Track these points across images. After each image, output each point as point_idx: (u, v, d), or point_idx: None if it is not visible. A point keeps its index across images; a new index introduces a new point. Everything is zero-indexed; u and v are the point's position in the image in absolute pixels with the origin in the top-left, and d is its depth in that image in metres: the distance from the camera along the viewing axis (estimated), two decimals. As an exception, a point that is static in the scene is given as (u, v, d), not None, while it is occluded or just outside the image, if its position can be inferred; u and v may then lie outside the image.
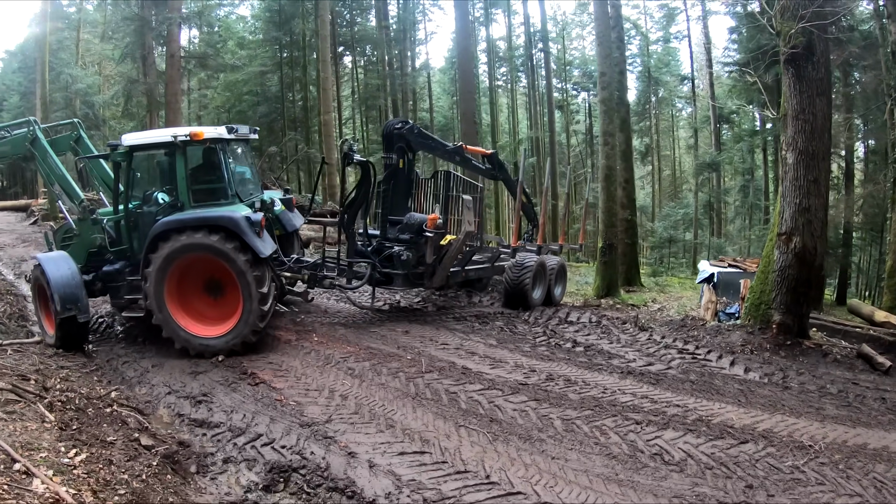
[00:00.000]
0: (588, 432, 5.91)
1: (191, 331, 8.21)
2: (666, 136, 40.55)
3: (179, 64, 25.38)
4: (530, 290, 10.60)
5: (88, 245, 9.19)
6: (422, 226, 9.85)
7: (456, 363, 7.89)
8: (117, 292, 8.87)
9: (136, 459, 4.95)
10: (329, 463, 5.18)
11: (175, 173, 8.49)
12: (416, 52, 39.14)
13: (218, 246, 7.93)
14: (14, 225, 24.63)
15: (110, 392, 6.68)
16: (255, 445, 5.56)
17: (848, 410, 6.73)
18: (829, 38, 8.37)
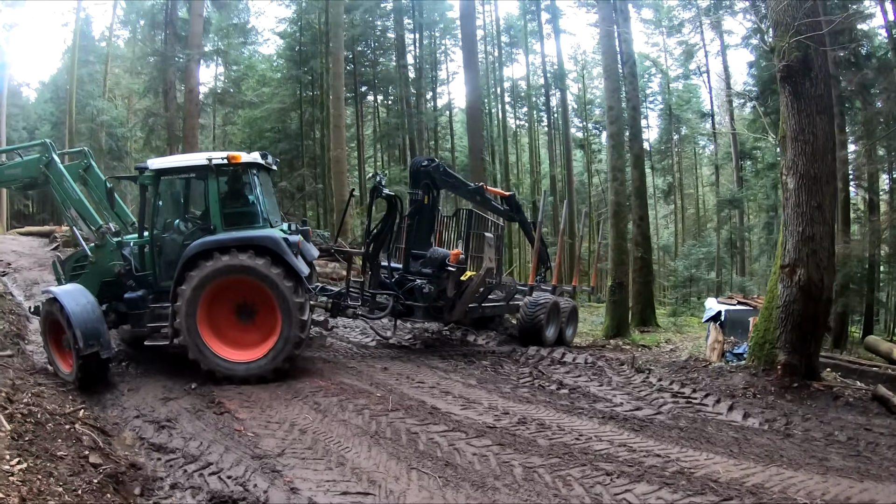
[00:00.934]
0: (549, 482, 5.28)
1: (220, 354, 8.13)
2: (689, 174, 40.08)
3: (198, 99, 26.08)
4: (544, 328, 10.72)
5: (104, 273, 8.77)
6: (444, 261, 10.00)
7: (426, 402, 7.42)
8: (139, 320, 8.50)
9: (78, 475, 4.88)
10: (268, 498, 4.97)
11: (207, 196, 8.51)
12: (439, 91, 39.75)
13: (262, 269, 8.00)
14: (35, 249, 25.03)
15: (77, 410, 6.57)
16: (203, 473, 5.42)
17: (856, 461, 5.97)
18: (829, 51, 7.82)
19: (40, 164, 9.16)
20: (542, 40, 35.54)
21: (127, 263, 8.64)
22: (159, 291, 8.51)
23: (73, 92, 29.11)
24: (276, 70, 35.07)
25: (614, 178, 17.59)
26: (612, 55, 18.51)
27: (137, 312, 8.51)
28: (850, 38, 14.72)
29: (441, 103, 39.34)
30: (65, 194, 9.09)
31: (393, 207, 10.13)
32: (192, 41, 25.58)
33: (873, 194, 19.15)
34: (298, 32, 31.74)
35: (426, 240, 10.80)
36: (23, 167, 9.28)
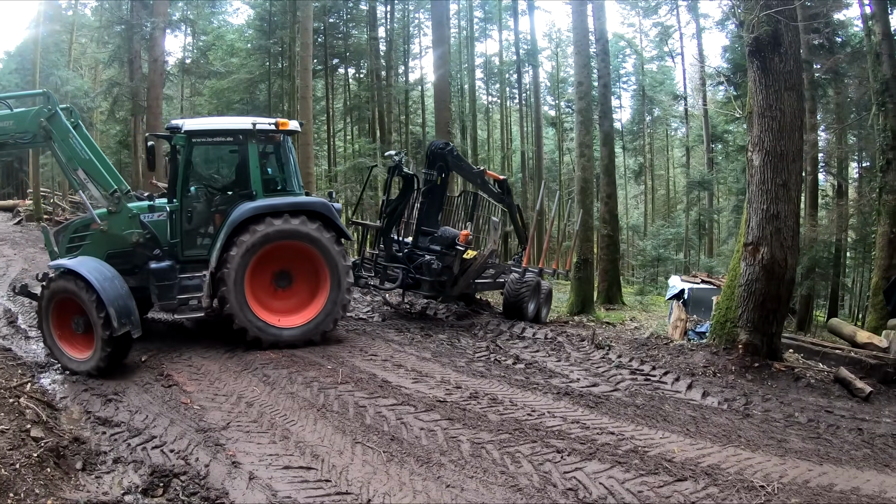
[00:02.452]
0: (497, 459, 5.06)
1: (265, 320, 8.13)
2: (660, 155, 40.21)
3: (163, 69, 25.17)
4: (527, 304, 11.13)
5: (114, 243, 7.99)
6: (455, 240, 10.49)
7: (377, 375, 7.18)
8: (168, 292, 7.91)
9: (18, 449, 4.75)
10: (209, 471, 4.86)
11: (248, 162, 8.35)
12: (411, 66, 39.06)
13: (315, 234, 8.16)
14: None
15: (24, 384, 6.43)
16: (146, 447, 5.30)
17: (816, 443, 5.87)
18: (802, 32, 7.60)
19: (40, 116, 7.79)
20: (517, 16, 35.15)
21: (147, 231, 8.00)
22: (183, 262, 8.18)
23: (37, 61, 28.03)
24: (245, 40, 34.17)
25: (581, 155, 17.38)
26: (584, 31, 18.26)
27: (166, 284, 7.90)
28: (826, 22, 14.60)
29: (414, 77, 38.70)
30: (71, 152, 7.89)
31: (409, 186, 10.72)
32: (157, 9, 24.63)
33: (842, 179, 19.27)
34: (268, 2, 30.85)
35: (435, 218, 11.20)
36: (16, 119, 7.82)
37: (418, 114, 37.90)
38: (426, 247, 10.70)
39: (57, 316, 7.36)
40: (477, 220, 12.14)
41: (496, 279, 11.99)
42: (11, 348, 7.90)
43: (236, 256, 7.87)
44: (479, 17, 37.83)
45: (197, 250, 8.34)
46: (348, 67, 36.37)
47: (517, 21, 35.30)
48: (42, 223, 16.02)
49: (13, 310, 10.08)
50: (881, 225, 12.85)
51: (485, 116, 41.95)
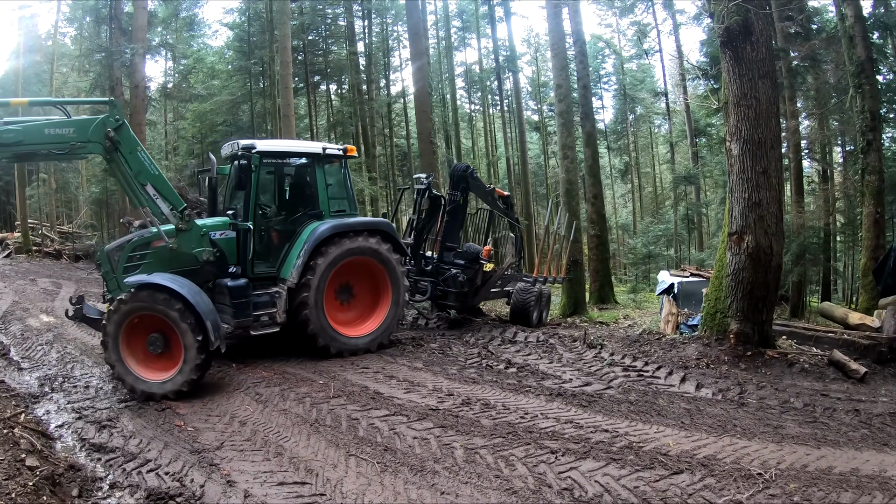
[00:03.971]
0: (491, 463, 5.02)
1: (337, 330, 8.71)
2: (645, 153, 40.36)
3: (144, 94, 25.19)
4: (532, 311, 11.61)
5: (179, 261, 7.85)
6: (478, 255, 11.36)
7: (369, 387, 7.17)
8: (244, 310, 8.00)
9: (13, 479, 4.71)
10: (205, 491, 4.85)
11: (315, 183, 8.91)
12: (392, 78, 39.18)
13: (385, 253, 8.98)
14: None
15: (17, 415, 6.35)
16: (141, 471, 5.28)
17: (813, 427, 5.87)
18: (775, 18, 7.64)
19: (107, 126, 7.33)
20: (494, 24, 35.20)
21: (216, 249, 8.02)
22: (254, 278, 8.38)
23: (18, 92, 28.08)
24: (225, 62, 34.20)
25: (565, 157, 17.41)
26: (560, 33, 18.32)
27: (242, 301, 8.00)
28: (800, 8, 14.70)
29: (395, 90, 38.75)
30: (140, 167, 7.53)
31: (437, 206, 11.61)
32: (136, 35, 24.62)
33: (826, 164, 19.35)
34: (246, 23, 30.87)
35: (457, 234, 11.93)
36: (78, 127, 7.24)
37: (402, 126, 37.90)
38: (451, 261, 11.44)
39: (131, 336, 7.13)
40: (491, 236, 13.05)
41: (503, 288, 12.38)
42: (4, 380, 7.81)
43: (318, 271, 8.41)
44: (458, 27, 37.95)
45: (265, 267, 8.57)
46: (330, 84, 36.41)
47: (495, 29, 35.45)
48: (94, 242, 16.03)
49: (5, 342, 10.04)
50: (865, 206, 12.90)
51: (468, 125, 42.07)
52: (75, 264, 23.83)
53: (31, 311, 12.93)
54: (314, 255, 8.42)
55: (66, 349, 9.53)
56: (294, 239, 8.67)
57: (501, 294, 12.42)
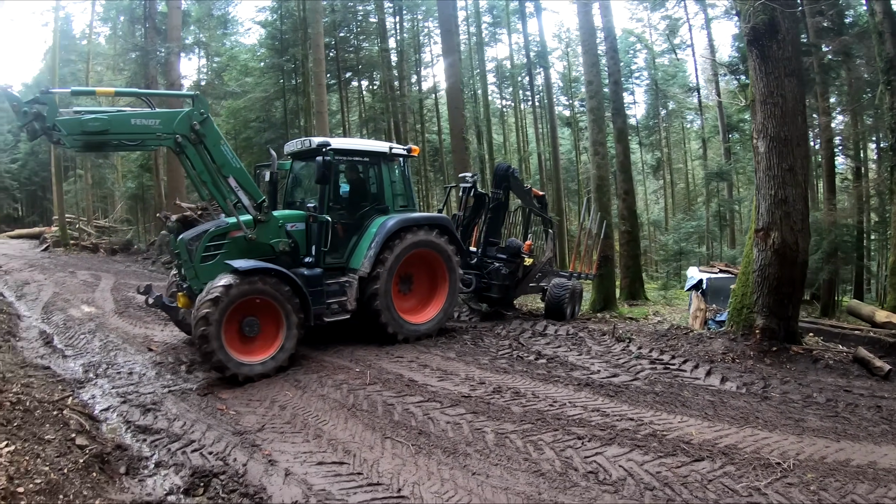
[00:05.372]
0: (520, 447, 5.30)
1: (403, 317, 9.28)
2: (677, 148, 39.91)
3: (180, 93, 25.58)
4: (566, 306, 11.81)
5: (257, 251, 8.17)
6: (520, 249, 11.92)
7: (403, 375, 7.47)
8: (319, 298, 8.44)
9: (64, 456, 4.96)
10: (247, 470, 5.11)
11: (381, 180, 9.54)
12: (423, 74, 39.28)
13: (444, 246, 9.66)
14: (25, 251, 25.89)
15: (65, 398, 6.62)
16: (185, 451, 5.55)
17: (834, 422, 5.97)
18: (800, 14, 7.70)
19: (193, 119, 7.52)
20: (525, 19, 35.09)
21: (291, 241, 8.52)
22: (326, 268, 8.76)
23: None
24: (258, 59, 34.72)
25: (595, 153, 17.48)
26: (590, 30, 18.34)
27: (318, 290, 8.44)
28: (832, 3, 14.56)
29: (427, 86, 38.91)
30: (223, 160, 7.80)
31: (481, 203, 12.13)
32: (171, 34, 25.30)
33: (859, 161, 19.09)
34: (279, 21, 31.25)
35: (499, 230, 12.39)
36: (163, 119, 7.43)
37: (433, 122, 38.08)
38: (494, 255, 11.98)
39: (233, 321, 7.41)
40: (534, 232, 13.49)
41: (538, 283, 12.72)
42: (50, 366, 8.16)
43: (388, 263, 8.93)
44: (488, 22, 37.93)
45: (335, 258, 8.97)
46: (361, 80, 36.73)
47: (525, 24, 35.36)
48: (169, 233, 16.48)
49: (48, 330, 10.50)
50: (895, 204, 12.80)
51: (500, 120, 42.05)
52: (112, 257, 24.47)
53: (71, 301, 13.40)
54: (383, 247, 8.91)
55: (108, 338, 9.94)
56: (362, 232, 9.16)
57: (537, 289, 12.76)
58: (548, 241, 12.98)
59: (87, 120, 6.82)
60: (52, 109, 6.66)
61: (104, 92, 7.76)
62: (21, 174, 50.80)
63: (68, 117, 6.77)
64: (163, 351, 9.03)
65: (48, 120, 6.65)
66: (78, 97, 7.82)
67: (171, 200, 25.08)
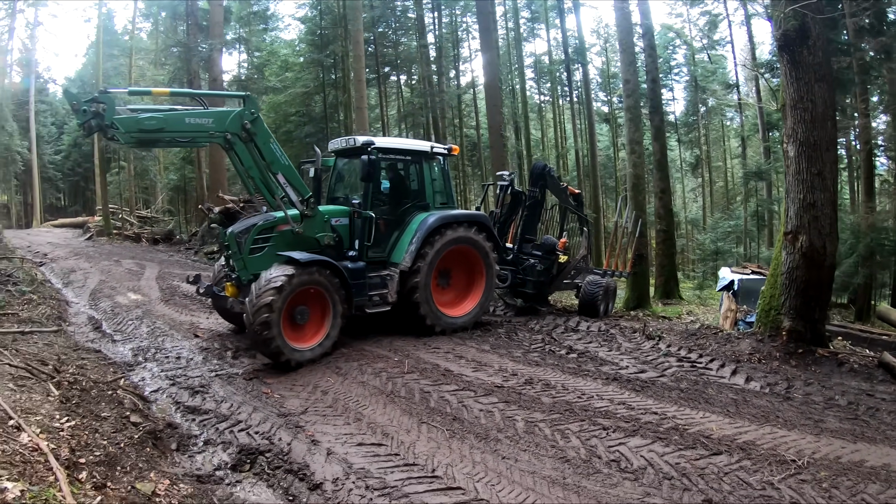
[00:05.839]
0: (548, 435, 5.66)
1: (441, 310, 9.63)
2: (716, 146, 39.42)
3: (222, 88, 26.38)
4: (599, 303, 12.06)
5: (302, 245, 8.54)
6: (555, 247, 12.22)
7: (440, 365, 7.86)
8: (362, 290, 8.86)
9: (120, 432, 5.36)
10: (292, 449, 5.46)
11: (423, 178, 9.91)
12: (462, 69, 39.55)
13: (482, 242, 9.99)
14: (70, 240, 26.43)
15: (118, 379, 7.06)
16: (233, 430, 5.93)
17: (853, 424, 6.13)
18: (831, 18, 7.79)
19: (244, 119, 7.87)
20: (563, 15, 35.11)
21: (336, 235, 8.98)
22: (369, 262, 9.17)
23: (99, 85, 29.84)
24: (298, 55, 35.28)
25: (632, 151, 17.62)
26: (628, 29, 18.44)
27: (361, 282, 8.83)
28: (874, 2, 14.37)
29: (465, 81, 39.18)
30: (272, 157, 8.21)
31: (518, 201, 12.45)
32: (213, 31, 25.96)
33: (899, 164, 18.79)
34: (318, 17, 31.72)
35: (535, 227, 12.68)
36: (216, 118, 7.77)
37: (471, 116, 38.32)
38: (529, 252, 12.27)
39: (287, 311, 7.77)
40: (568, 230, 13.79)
41: (573, 280, 12.98)
42: (101, 350, 8.64)
43: (428, 258, 9.30)
44: (526, 17, 37.97)
45: (377, 252, 9.35)
46: (400, 75, 37.15)
47: (564, 20, 35.37)
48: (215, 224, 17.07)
49: (97, 316, 10.99)
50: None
51: (538, 116, 42.10)
52: (154, 247, 25.04)
53: (118, 289, 13.89)
54: (424, 243, 9.28)
55: (155, 324, 10.40)
56: (403, 227, 9.57)
57: (572, 286, 13.02)
58: (582, 239, 13.24)
59: (145, 119, 7.21)
60: (110, 108, 6.98)
61: (160, 92, 8.17)
62: (64, 165, 52.64)
63: (126, 116, 7.13)
64: (208, 337, 9.51)
65: (107, 118, 6.96)
66: (130, 95, 8.20)
67: (214, 193, 25.73)
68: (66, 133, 52.39)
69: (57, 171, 52.32)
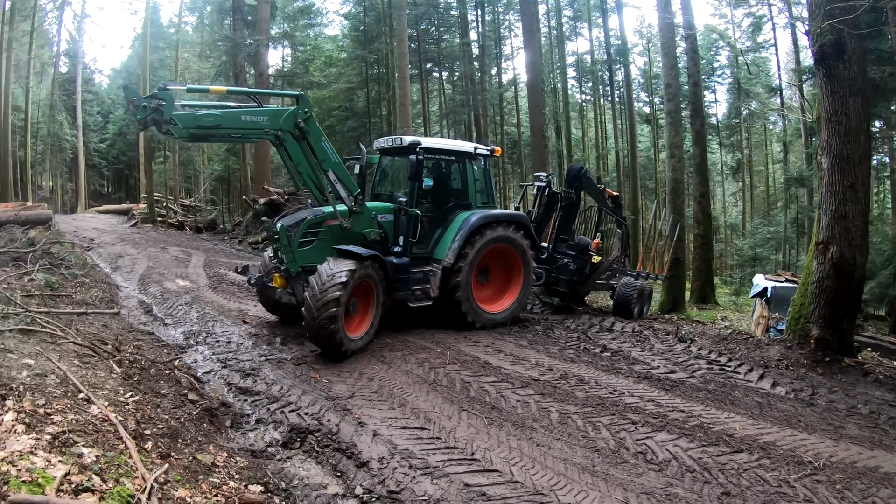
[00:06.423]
0: (580, 426, 6.09)
1: (480, 306, 9.99)
2: (759, 150, 38.86)
3: (268, 82, 27.11)
4: (634, 305, 12.29)
5: (350, 239, 8.90)
6: (588, 247, 12.45)
7: (479, 358, 8.30)
8: (406, 284, 9.26)
9: (180, 408, 5.81)
10: (340, 429, 5.88)
11: (466, 178, 10.30)
12: (504, 67, 39.69)
13: (520, 241, 10.33)
14: (115, 226, 27.17)
15: (173, 360, 7.55)
16: (283, 411, 6.34)
17: (872, 432, 6.35)
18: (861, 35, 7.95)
19: (298, 117, 8.20)
20: (605, 14, 35.00)
21: (382, 231, 9.38)
22: (413, 257, 9.53)
23: (146, 77, 30.69)
24: (341, 50, 35.83)
25: (672, 155, 17.73)
26: (670, 33, 18.40)
27: (405, 277, 9.22)
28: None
29: (506, 78, 39.38)
30: (324, 155, 8.56)
31: (554, 202, 12.79)
32: (260, 27, 26.66)
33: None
34: (363, 13, 32.32)
35: (570, 228, 13.01)
36: (271, 116, 8.08)
37: (512, 114, 38.50)
38: (563, 251, 12.59)
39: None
40: (602, 231, 14.07)
41: (608, 281, 13.21)
42: (154, 332, 9.14)
43: (470, 256, 9.67)
44: (569, 16, 37.92)
45: (420, 248, 9.71)
46: (442, 71, 37.55)
47: (606, 19, 35.26)
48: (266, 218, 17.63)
49: (147, 301, 11.46)
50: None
51: (579, 115, 42.03)
52: (198, 235, 25.57)
53: (166, 275, 14.34)
54: (466, 242, 9.63)
55: (204, 310, 10.80)
56: (446, 225, 9.92)
57: (606, 287, 13.25)
58: (617, 241, 13.45)
59: (202, 115, 7.55)
60: (169, 105, 7.25)
61: (217, 90, 8.50)
62: (109, 153, 54.53)
63: (184, 112, 7.46)
64: (257, 324, 9.97)
65: (166, 114, 7.22)
66: (188, 93, 8.61)
67: (258, 184, 26.36)
68: (111, 122, 54.39)
69: (102, 159, 54.24)
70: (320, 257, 8.35)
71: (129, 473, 3.94)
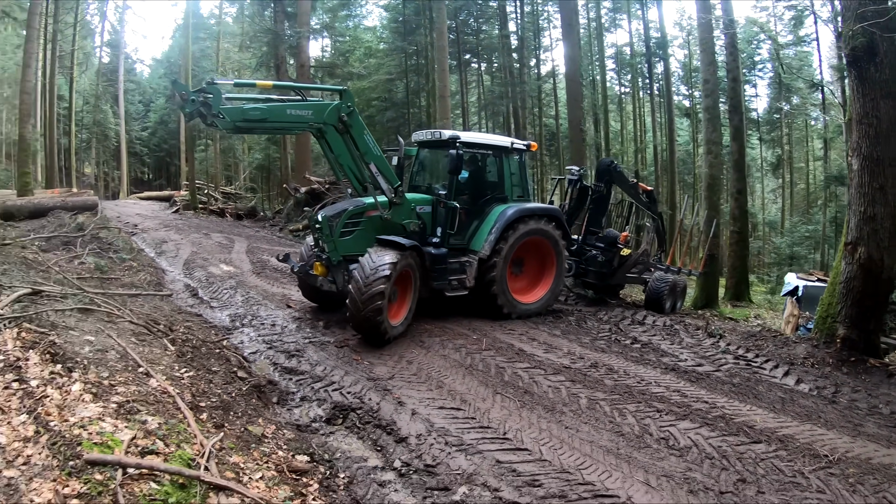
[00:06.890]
0: (607, 412, 6.47)
1: (514, 296, 10.30)
2: (799, 147, 38.17)
3: (308, 73, 27.58)
4: (665, 299, 12.48)
5: (390, 230, 9.08)
6: (617, 240, 12.76)
7: (514, 345, 8.69)
8: (443, 274, 9.52)
9: (230, 384, 6.23)
10: (380, 407, 6.28)
11: (502, 172, 10.57)
12: (542, 58, 39.59)
13: (554, 234, 10.63)
14: (157, 212, 27.87)
15: (222, 340, 8.00)
16: (327, 389, 6.75)
17: (890, 431, 6.48)
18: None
19: (341, 112, 8.39)
20: (645, 6, 34.68)
21: (421, 222, 9.60)
22: (451, 248, 9.82)
23: (188, 67, 31.36)
24: (381, 41, 36.10)
25: (709, 152, 17.66)
26: (708, 28, 18.24)
27: (442, 267, 9.49)
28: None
29: (545, 70, 39.25)
30: (366, 148, 8.74)
31: (585, 195, 13.11)
32: (301, 19, 27.11)
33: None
34: (402, 4, 32.50)
35: (600, 221, 13.35)
36: (315, 110, 8.25)
37: (551, 106, 38.49)
38: (593, 244, 12.89)
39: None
40: (633, 225, 14.17)
41: (641, 275, 13.44)
42: (201, 314, 9.51)
43: (505, 248, 9.93)
44: (608, 7, 37.60)
45: (457, 239, 9.99)
46: (481, 62, 37.66)
47: (645, 11, 34.87)
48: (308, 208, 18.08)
49: (192, 284, 11.81)
50: None
51: (617, 107, 41.76)
52: (239, 222, 26.10)
53: (210, 260, 14.62)
54: (502, 234, 9.89)
55: (248, 294, 11.08)
56: (483, 217, 10.20)
57: (639, 280, 13.46)
58: (647, 235, 13.76)
59: (249, 109, 7.70)
60: (216, 98, 7.35)
61: (264, 85, 8.79)
62: (150, 141, 56.06)
63: (232, 106, 7.60)
64: (300, 308, 10.35)
65: (214, 108, 7.33)
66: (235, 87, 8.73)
67: (299, 173, 26.82)
68: (152, 111, 55.88)
69: (143, 147, 55.75)
70: (361, 247, 8.62)
71: (188, 440, 4.32)
